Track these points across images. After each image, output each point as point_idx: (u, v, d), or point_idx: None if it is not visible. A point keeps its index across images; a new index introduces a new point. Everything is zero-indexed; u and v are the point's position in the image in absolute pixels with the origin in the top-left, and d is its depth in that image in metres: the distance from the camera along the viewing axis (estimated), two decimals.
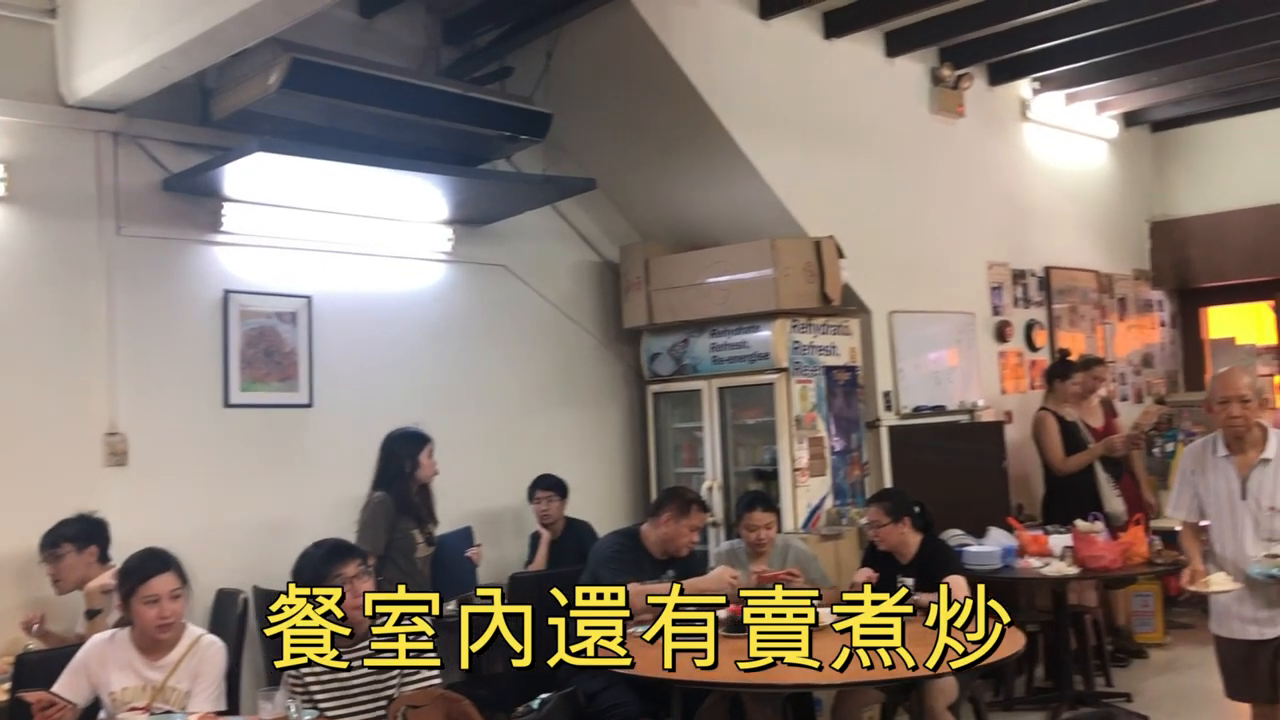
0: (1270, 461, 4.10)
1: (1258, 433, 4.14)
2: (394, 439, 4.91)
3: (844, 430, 6.42)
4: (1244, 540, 4.09)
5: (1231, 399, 4.09)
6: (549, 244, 6.62)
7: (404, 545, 4.72)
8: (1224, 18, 6.95)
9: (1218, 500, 4.19)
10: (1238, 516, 4.12)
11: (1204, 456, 4.26)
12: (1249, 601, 4.09)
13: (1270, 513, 4.07)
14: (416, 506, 4.84)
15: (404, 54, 5.90)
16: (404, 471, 4.82)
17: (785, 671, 3.92)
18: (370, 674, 3.44)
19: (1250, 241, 9.37)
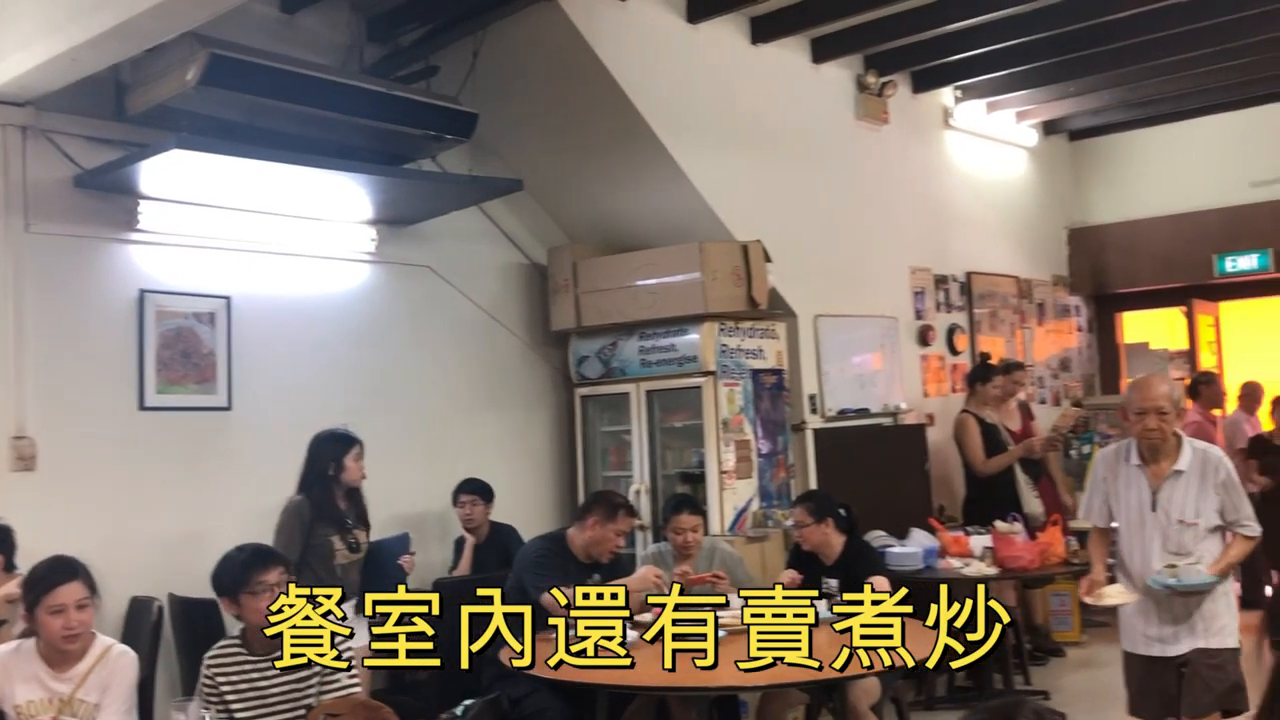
0: (1183, 474, 3.95)
1: (1173, 443, 3.99)
2: (320, 440, 4.79)
3: (770, 433, 6.46)
4: (1151, 553, 3.96)
5: (1149, 410, 3.92)
6: (475, 245, 6.56)
7: (321, 552, 4.60)
8: (1138, 31, 7.15)
9: (1128, 510, 4.06)
10: (1146, 528, 3.99)
11: (1117, 463, 4.12)
12: (1153, 617, 3.99)
13: (1179, 526, 3.94)
14: (338, 511, 4.72)
15: (327, 51, 5.80)
16: (327, 474, 4.70)
17: (710, 674, 3.93)
18: (288, 682, 3.37)
19: (1163, 249, 9.65)
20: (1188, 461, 3.95)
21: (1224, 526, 3.96)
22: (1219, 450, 4.01)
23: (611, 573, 4.69)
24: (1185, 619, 3.93)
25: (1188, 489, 3.94)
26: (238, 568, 3.39)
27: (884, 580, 4.70)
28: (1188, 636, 3.93)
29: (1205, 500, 3.92)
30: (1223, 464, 3.96)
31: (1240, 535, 3.94)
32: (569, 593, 4.44)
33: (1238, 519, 3.94)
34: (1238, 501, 3.95)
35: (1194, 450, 3.97)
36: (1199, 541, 3.91)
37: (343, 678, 3.42)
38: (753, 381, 6.36)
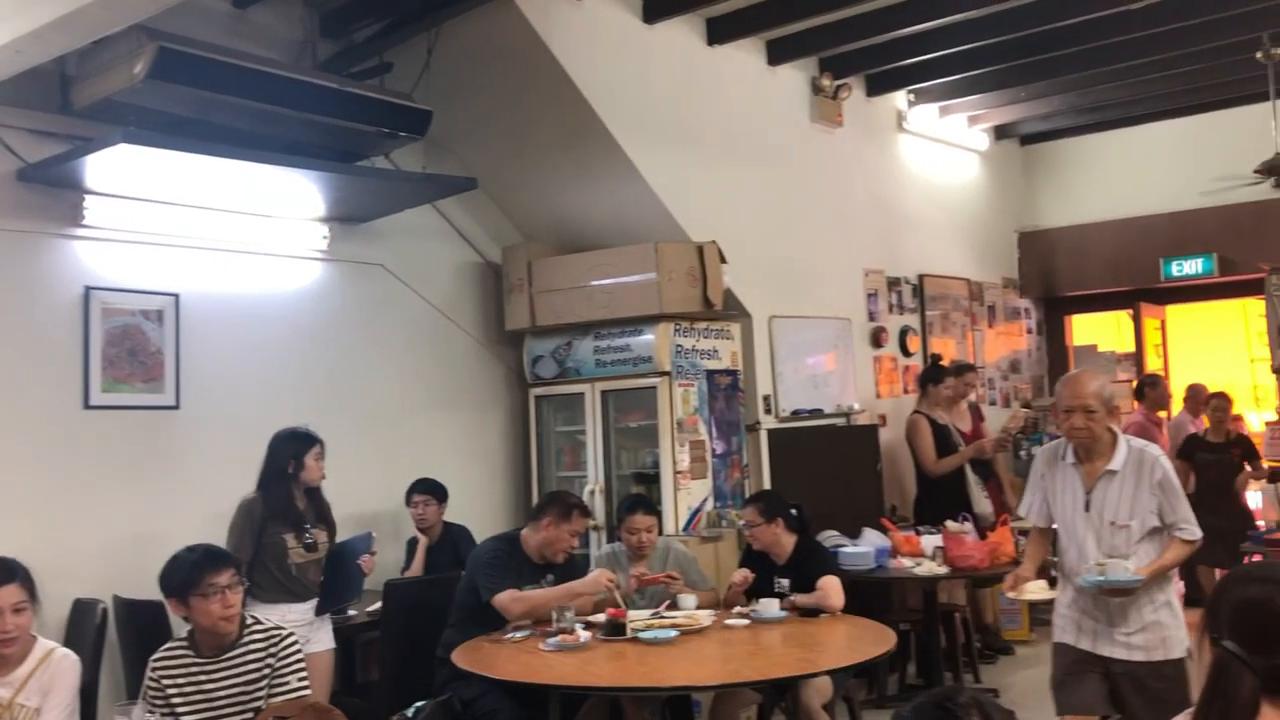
0: (1116, 473, 3.79)
1: (1107, 440, 3.83)
2: (280, 438, 4.70)
3: (725, 433, 6.48)
4: (1086, 554, 3.82)
5: (1075, 409, 3.77)
6: (428, 243, 6.52)
7: (275, 551, 4.53)
8: (1088, 38, 7.26)
9: (1063, 509, 3.93)
10: (1080, 529, 3.85)
11: (1054, 461, 3.97)
12: (1089, 615, 3.85)
13: (1111, 528, 3.78)
14: (295, 510, 4.65)
15: (279, 47, 5.74)
16: (285, 472, 4.62)
17: (663, 674, 3.94)
18: (237, 685, 3.32)
19: (1111, 252, 9.81)
20: (1121, 461, 3.79)
21: (1162, 529, 3.79)
22: (1157, 449, 3.85)
23: (565, 573, 4.68)
24: (1127, 624, 3.77)
25: (1122, 489, 3.78)
26: (188, 568, 3.33)
27: (835, 580, 4.73)
28: (1134, 646, 3.76)
29: (1140, 501, 3.76)
30: (1159, 464, 3.78)
31: (1178, 539, 3.77)
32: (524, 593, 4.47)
33: (1175, 521, 3.77)
34: (1175, 503, 3.78)
35: (1129, 449, 3.82)
36: (1133, 544, 3.75)
37: (292, 680, 3.39)
38: (708, 382, 6.38)
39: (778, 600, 4.66)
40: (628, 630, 4.29)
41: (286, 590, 4.52)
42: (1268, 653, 1.83)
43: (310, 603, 4.61)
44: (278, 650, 3.39)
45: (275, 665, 3.38)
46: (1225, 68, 8.04)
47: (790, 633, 4.44)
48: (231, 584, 3.32)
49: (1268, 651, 1.84)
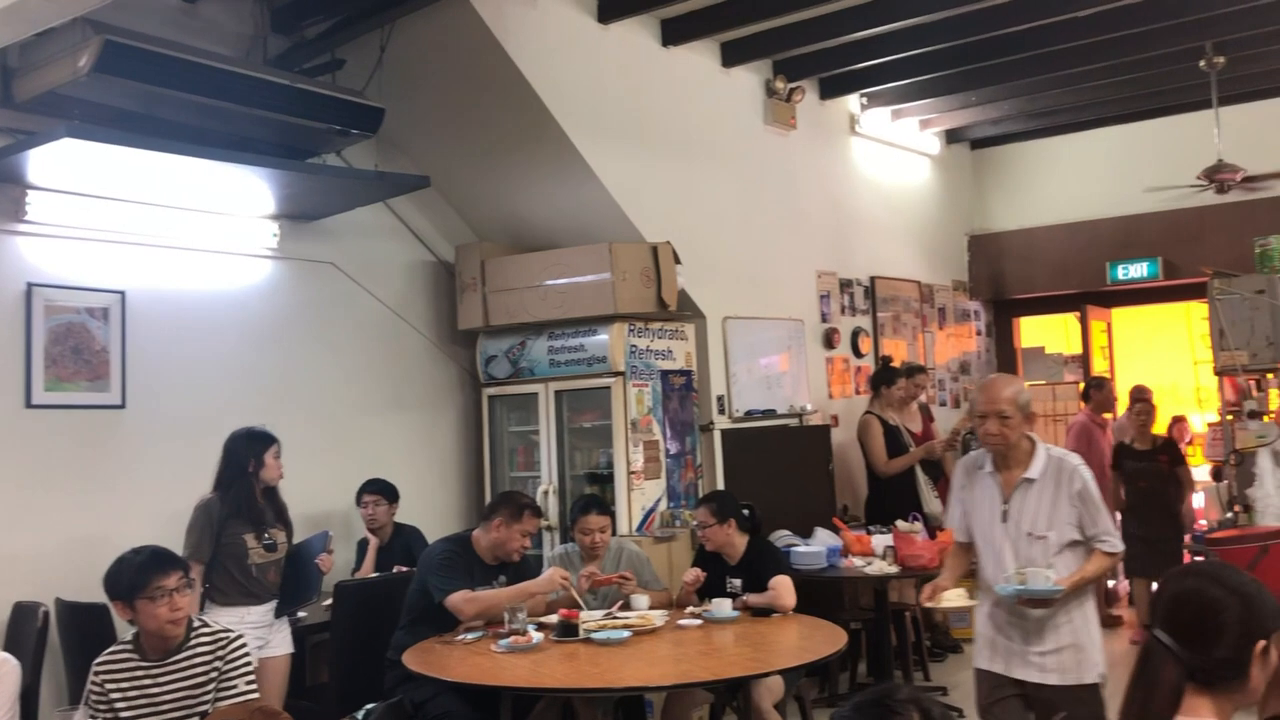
0: (1034, 482, 3.63)
1: (1025, 448, 3.67)
2: (238, 438, 4.64)
3: (679, 433, 6.49)
4: (1004, 565, 3.65)
5: (989, 414, 3.61)
6: (381, 242, 6.47)
7: (235, 551, 4.47)
8: (1037, 44, 7.36)
9: (981, 520, 3.76)
10: (997, 540, 3.68)
11: (973, 470, 3.82)
12: (1004, 631, 3.70)
13: (1029, 539, 3.62)
14: (257, 510, 4.59)
15: (229, 41, 5.66)
16: (246, 471, 4.56)
17: (615, 674, 3.94)
18: (183, 689, 3.28)
19: (1058, 256, 9.96)
20: (1040, 469, 3.63)
21: (1082, 542, 3.62)
22: (1077, 459, 3.68)
23: (518, 574, 4.67)
24: (1043, 644, 3.61)
25: (1040, 499, 3.62)
26: (134, 571, 3.28)
27: (787, 580, 4.76)
28: (1049, 668, 3.60)
29: (1059, 512, 3.60)
30: (1078, 474, 3.61)
31: (1099, 551, 3.61)
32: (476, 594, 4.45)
33: (1096, 533, 3.60)
34: (1095, 514, 3.60)
35: (1048, 457, 3.65)
36: (1051, 556, 3.58)
37: (240, 683, 3.35)
38: (662, 382, 6.39)
39: (730, 600, 4.68)
40: (580, 631, 4.28)
41: (246, 592, 4.47)
42: (1196, 644, 1.89)
43: (269, 604, 4.56)
44: (225, 653, 3.35)
45: (223, 669, 3.33)
46: (1169, 75, 8.20)
47: (742, 632, 4.46)
48: (179, 587, 3.27)
49: (1196, 642, 1.89)
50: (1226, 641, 1.88)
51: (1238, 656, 1.88)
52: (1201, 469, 8.48)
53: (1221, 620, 1.89)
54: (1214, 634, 1.89)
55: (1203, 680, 1.89)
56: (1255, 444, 6.08)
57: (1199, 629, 1.90)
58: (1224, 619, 1.89)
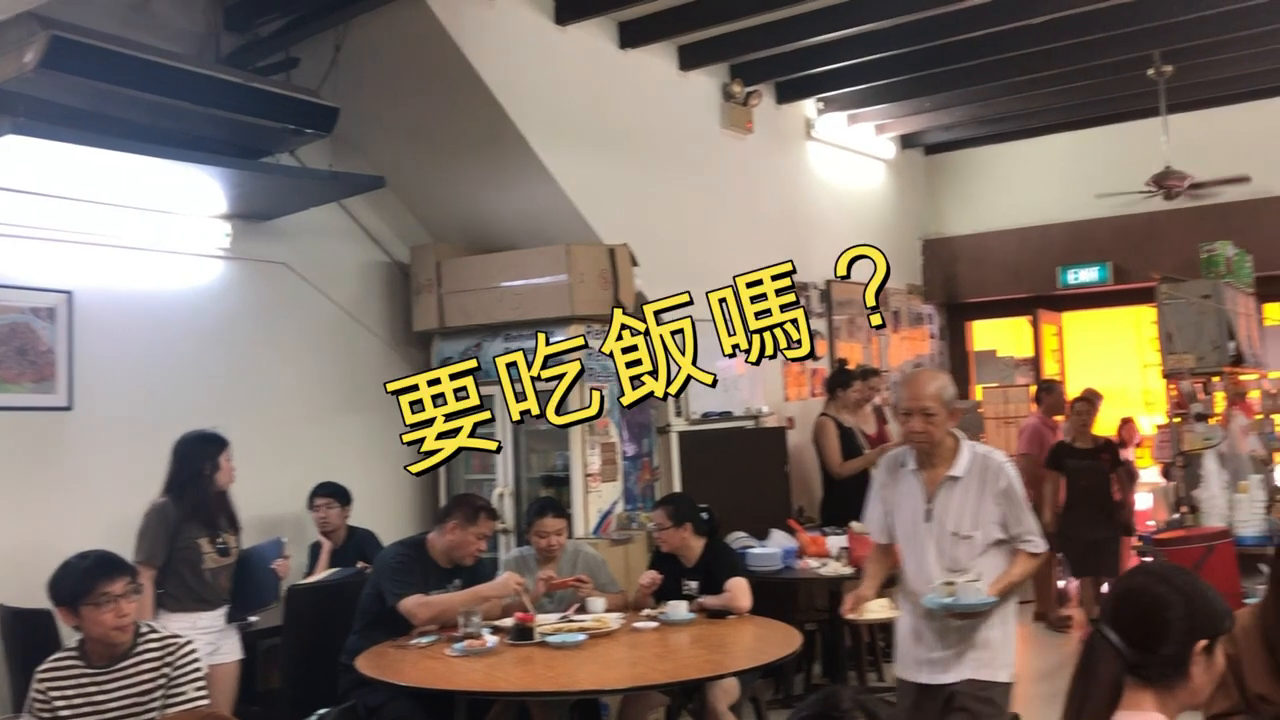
0: (959, 480, 3.53)
1: (949, 445, 3.56)
2: (191, 440, 4.56)
3: (636, 436, 6.49)
4: (927, 568, 3.54)
5: (914, 411, 3.50)
6: (335, 242, 6.41)
7: (189, 556, 4.39)
8: (990, 51, 7.46)
9: (903, 520, 3.65)
10: (920, 540, 3.57)
11: (895, 469, 3.71)
12: (925, 639, 3.59)
13: (953, 539, 3.51)
14: (211, 514, 4.52)
15: (181, 39, 5.58)
16: (203, 474, 4.48)
17: (570, 678, 3.93)
18: (129, 696, 3.22)
19: (1011, 260, 10.09)
20: (964, 467, 3.53)
21: (1006, 541, 3.55)
22: (1002, 456, 3.62)
23: (473, 577, 4.64)
24: (959, 644, 3.53)
25: (964, 498, 3.52)
26: (80, 576, 3.22)
27: (743, 581, 4.77)
28: (957, 665, 3.53)
29: (984, 511, 3.51)
30: (1004, 471, 3.54)
31: (1024, 552, 3.54)
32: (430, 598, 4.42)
33: (1020, 533, 3.53)
34: (1020, 514, 3.53)
35: (973, 455, 3.56)
36: (975, 556, 3.50)
37: (189, 689, 3.29)
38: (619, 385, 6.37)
39: (686, 602, 4.68)
40: (535, 634, 4.27)
41: (199, 598, 4.39)
42: (1140, 640, 1.93)
43: (221, 610, 4.49)
44: (174, 659, 3.30)
45: (171, 675, 3.28)
46: (1119, 83, 8.34)
47: (698, 634, 4.46)
48: (125, 593, 3.22)
49: (1140, 638, 1.93)
50: (1170, 639, 1.92)
51: (1180, 654, 1.92)
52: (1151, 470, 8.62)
53: (1166, 618, 1.93)
54: (1158, 631, 1.93)
55: (1144, 677, 1.93)
56: (1202, 446, 6.18)
57: (1143, 625, 1.94)
58: (1168, 616, 1.93)
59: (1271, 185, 8.90)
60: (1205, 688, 1.95)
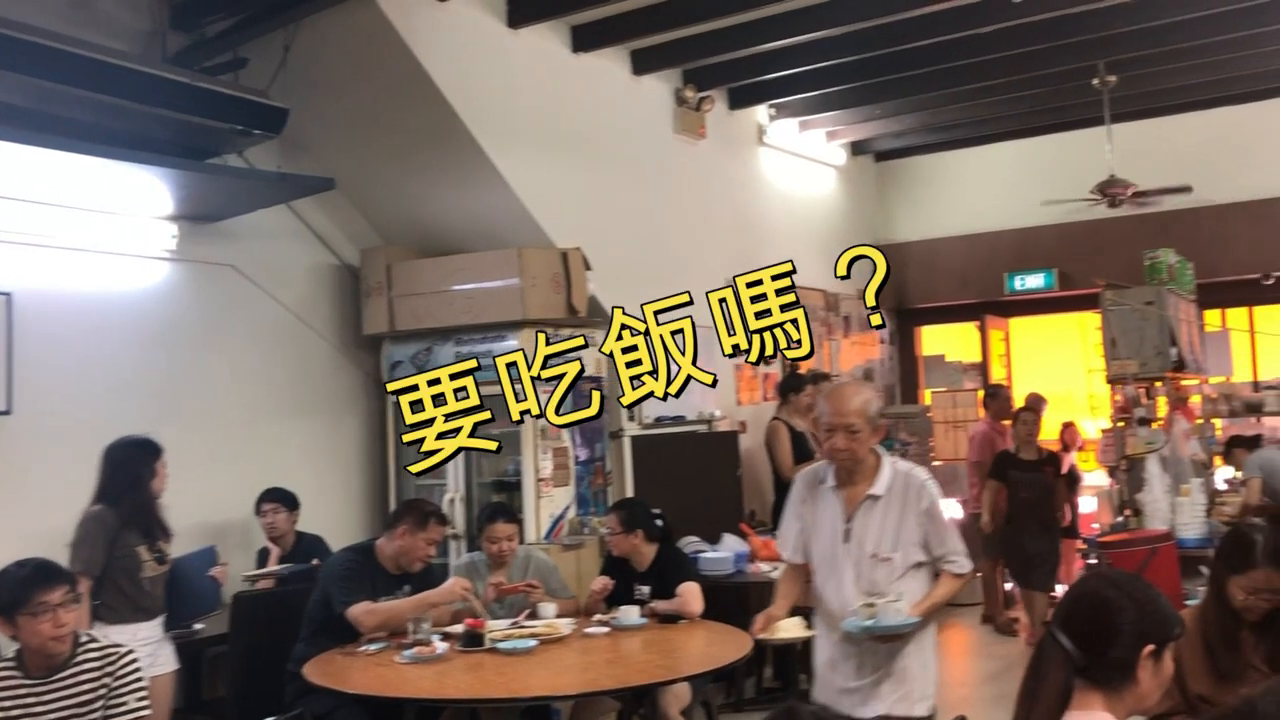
0: (880, 499, 3.35)
1: (871, 463, 3.38)
2: (128, 446, 4.46)
3: (588, 440, 6.48)
4: (844, 591, 3.34)
5: (837, 427, 3.31)
6: (283, 245, 6.34)
7: (128, 564, 4.30)
8: (939, 59, 7.55)
9: (821, 539, 3.44)
10: (838, 562, 3.37)
11: (814, 486, 3.50)
12: (840, 668, 3.41)
13: (873, 560, 3.33)
14: (150, 521, 4.43)
15: (126, 37, 5.49)
16: (141, 481, 4.39)
17: (521, 684, 3.91)
18: (69, 707, 3.15)
19: (959, 266, 10.21)
20: (885, 485, 3.36)
21: (927, 564, 3.39)
22: (924, 474, 3.45)
23: (422, 583, 4.60)
24: (875, 672, 3.36)
25: (885, 517, 3.35)
26: (17, 585, 3.14)
27: (694, 586, 4.77)
28: (874, 697, 3.35)
29: (905, 531, 3.34)
30: (926, 491, 3.37)
31: (948, 572, 3.38)
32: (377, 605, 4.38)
33: (944, 554, 3.37)
34: (943, 534, 3.38)
35: (895, 472, 3.39)
36: (895, 579, 3.32)
37: (130, 700, 3.23)
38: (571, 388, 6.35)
39: (637, 607, 4.68)
40: (486, 641, 4.24)
41: (137, 608, 4.30)
42: (1090, 642, 1.97)
43: (159, 620, 4.40)
44: (115, 669, 3.23)
45: (112, 685, 3.21)
46: (1065, 93, 8.47)
47: (650, 639, 4.46)
48: (64, 602, 3.15)
49: (1090, 641, 1.97)
50: (1119, 643, 1.96)
51: (1128, 658, 1.95)
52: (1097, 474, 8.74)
53: (1115, 622, 1.97)
54: (1107, 634, 1.97)
55: (1093, 679, 1.96)
56: (1145, 450, 6.29)
57: (1093, 628, 1.98)
58: (1117, 621, 1.97)
59: (1212, 194, 9.09)
60: (1153, 693, 1.99)
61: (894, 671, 3.35)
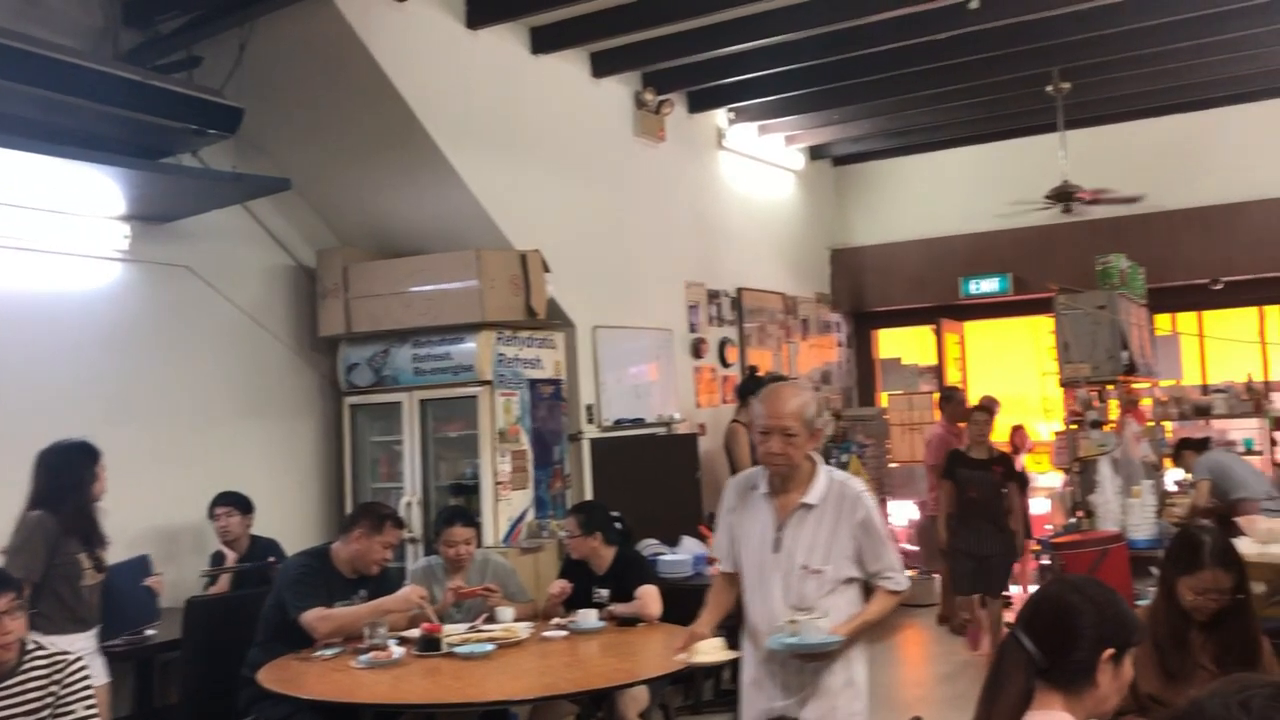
0: (813, 508, 3.18)
1: (806, 469, 3.21)
2: (67, 450, 4.37)
3: (547, 443, 6.46)
4: (771, 604, 3.18)
5: (773, 430, 3.14)
6: (238, 245, 6.26)
7: (68, 571, 4.22)
8: (895, 65, 7.62)
9: (750, 549, 3.27)
10: (767, 573, 3.21)
11: (746, 492, 3.33)
12: (765, 688, 3.24)
13: (802, 573, 3.15)
14: (90, 527, 4.35)
15: (76, 34, 5.40)
16: (83, 485, 4.31)
17: (478, 688, 3.89)
18: (15, 716, 3.10)
19: (915, 270, 10.31)
20: (820, 494, 3.18)
21: (860, 579, 3.22)
22: (860, 485, 3.29)
23: (379, 587, 4.56)
24: (800, 691, 3.19)
25: (817, 528, 3.17)
26: None
27: (653, 589, 4.78)
28: (784, 710, 3.20)
29: (838, 543, 3.16)
30: (861, 502, 3.19)
31: (883, 589, 3.21)
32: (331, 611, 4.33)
33: (880, 570, 3.20)
34: (879, 548, 3.20)
35: (830, 481, 3.22)
36: (826, 594, 3.15)
37: (78, 708, 3.19)
38: (530, 391, 6.35)
39: (596, 611, 4.67)
40: (443, 645, 4.21)
41: (75, 617, 4.21)
42: (1051, 644, 2.01)
43: (95, 630, 4.32)
44: (63, 677, 3.18)
45: (60, 693, 3.16)
46: (1019, 99, 8.58)
47: (608, 643, 4.45)
48: (9, 609, 3.10)
49: (1051, 643, 2.01)
50: (1079, 646, 2.00)
51: (1088, 661, 2.00)
52: (1051, 476, 8.84)
53: (1077, 625, 2.01)
54: (1068, 637, 2.01)
55: (1053, 680, 2.00)
56: (1096, 452, 6.37)
57: (1055, 631, 2.03)
58: (1079, 624, 2.01)
59: (1163, 200, 9.24)
60: (1112, 697, 2.03)
61: (821, 691, 3.17)
